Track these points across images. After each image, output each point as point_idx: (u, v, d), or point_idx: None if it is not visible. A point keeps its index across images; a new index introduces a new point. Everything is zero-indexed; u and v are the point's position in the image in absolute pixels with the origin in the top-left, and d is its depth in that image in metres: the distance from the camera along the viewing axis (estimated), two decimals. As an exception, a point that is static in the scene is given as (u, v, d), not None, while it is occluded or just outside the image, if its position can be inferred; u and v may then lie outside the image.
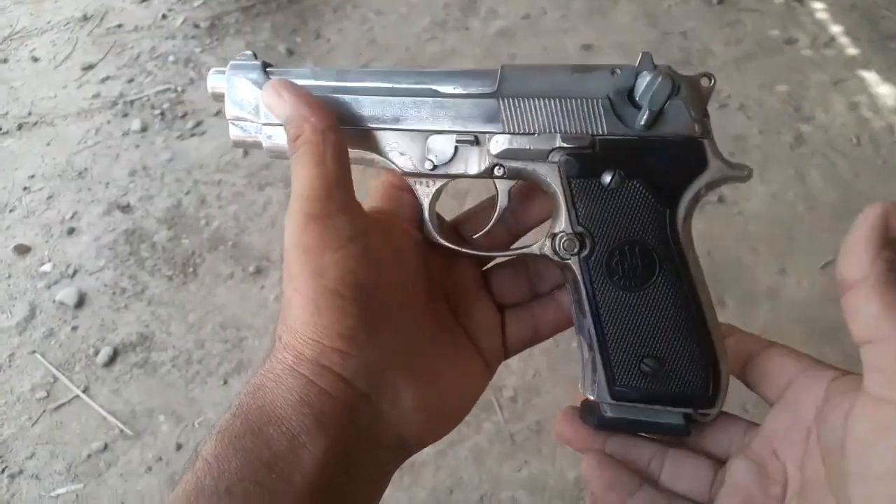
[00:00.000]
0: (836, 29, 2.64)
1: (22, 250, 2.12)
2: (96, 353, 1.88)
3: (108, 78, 2.67)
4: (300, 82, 0.59)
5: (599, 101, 0.55)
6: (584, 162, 0.55)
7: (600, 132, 0.55)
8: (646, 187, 0.54)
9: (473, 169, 0.58)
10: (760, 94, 2.41)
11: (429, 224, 0.60)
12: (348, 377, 0.50)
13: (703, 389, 0.52)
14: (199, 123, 2.47)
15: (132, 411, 1.78)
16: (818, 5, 2.73)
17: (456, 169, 0.58)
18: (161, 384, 1.83)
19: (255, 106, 0.60)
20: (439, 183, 0.60)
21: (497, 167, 0.57)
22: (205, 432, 1.74)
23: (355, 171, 0.56)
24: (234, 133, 0.62)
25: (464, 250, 0.60)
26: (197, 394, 1.81)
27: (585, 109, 0.55)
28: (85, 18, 2.95)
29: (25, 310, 1.99)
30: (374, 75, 0.59)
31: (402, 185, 0.61)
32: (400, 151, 0.59)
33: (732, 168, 0.54)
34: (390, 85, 0.59)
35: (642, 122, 0.54)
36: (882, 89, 2.41)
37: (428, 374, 0.55)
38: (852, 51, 2.56)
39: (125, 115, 2.52)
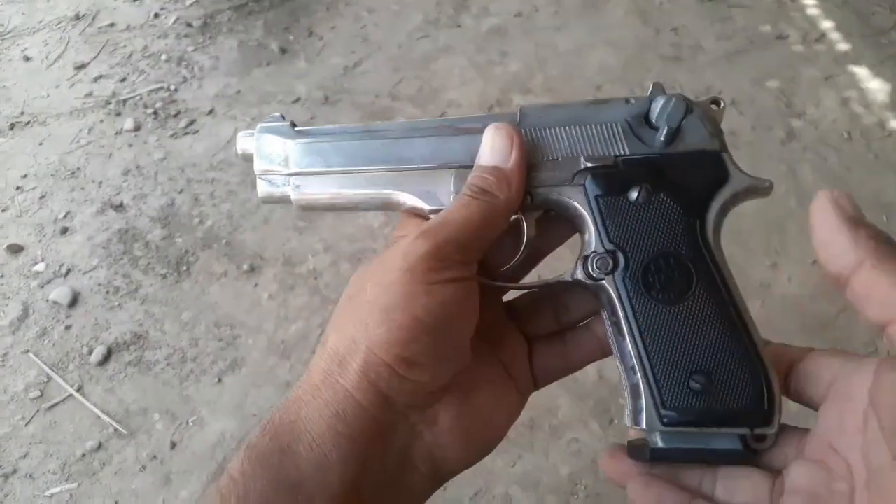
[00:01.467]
0: (827, 24, 2.65)
1: (15, 250, 2.12)
2: (90, 352, 1.88)
3: (100, 77, 2.66)
4: (330, 130, 0.61)
5: (618, 124, 0.57)
6: (610, 180, 0.56)
7: (622, 152, 0.57)
8: (673, 199, 0.55)
9: None
10: (752, 89, 2.42)
11: None
12: (391, 395, 0.49)
13: (757, 403, 0.50)
14: (191, 122, 2.47)
15: (126, 410, 1.78)
16: (809, 1, 2.74)
17: None
18: (155, 383, 1.83)
19: (283, 157, 0.62)
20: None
21: (525, 196, 0.58)
22: (199, 431, 1.74)
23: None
24: (263, 188, 0.63)
25: (499, 283, 0.60)
26: (191, 392, 1.81)
27: (606, 133, 0.57)
28: (77, 17, 2.94)
29: (19, 309, 1.98)
30: (397, 123, 0.61)
31: (424, 217, 0.61)
32: (426, 189, 0.59)
33: (754, 180, 0.56)
34: (414, 127, 0.61)
35: (662, 139, 0.56)
36: (873, 84, 2.42)
37: (466, 398, 0.54)
38: (843, 46, 2.57)
39: (118, 115, 2.51)
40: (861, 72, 2.47)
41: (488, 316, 0.60)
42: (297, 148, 0.61)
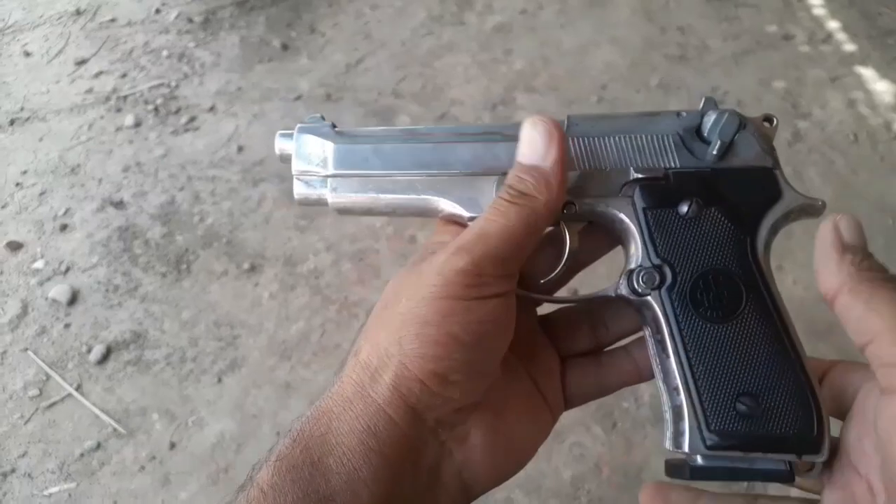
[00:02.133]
0: (833, 25, 2.63)
1: (14, 247, 2.11)
2: (89, 350, 1.87)
3: (101, 73, 2.65)
4: (371, 132, 0.60)
5: (670, 136, 0.56)
6: (660, 192, 0.55)
7: (673, 164, 0.55)
8: (724, 215, 0.54)
9: None
10: (758, 90, 2.40)
11: None
12: (422, 411, 0.48)
13: (807, 429, 0.49)
14: (192, 119, 2.45)
15: (125, 409, 1.77)
16: (815, 1, 2.72)
17: None
18: (154, 382, 1.82)
19: (322, 158, 0.60)
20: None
21: (569, 205, 0.56)
22: (198, 430, 1.73)
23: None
24: (299, 189, 0.62)
25: (537, 297, 0.58)
26: (190, 392, 1.80)
27: (656, 144, 0.56)
28: (78, 13, 2.92)
29: (18, 307, 1.97)
30: (440, 128, 0.60)
31: (462, 224, 0.59)
32: (469, 196, 0.58)
33: (807, 199, 0.55)
34: (457, 132, 0.59)
35: (714, 153, 0.55)
36: (879, 86, 2.41)
37: (498, 416, 0.53)
38: (850, 47, 2.55)
39: (118, 111, 2.50)
40: (867, 73, 2.45)
41: (522, 329, 0.57)
42: (336, 149, 0.60)
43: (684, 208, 0.54)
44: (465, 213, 0.57)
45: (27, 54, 2.76)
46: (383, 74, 2.58)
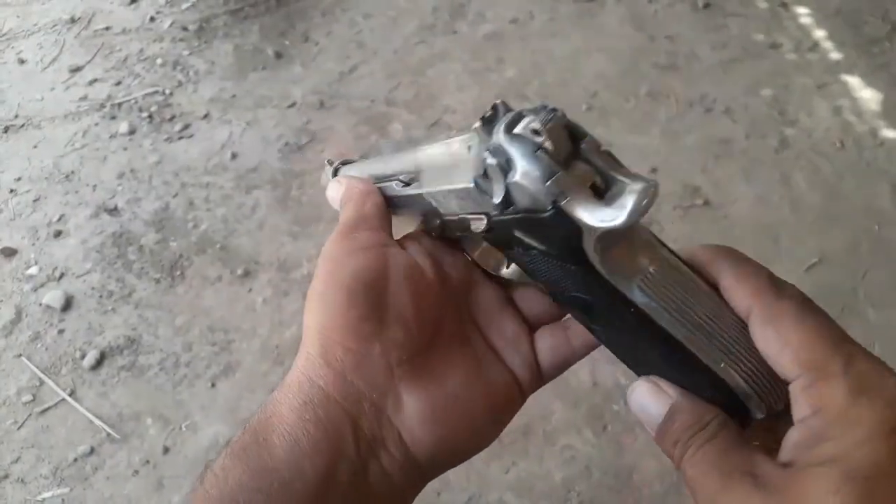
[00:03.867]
0: (819, 33, 2.67)
1: (8, 253, 2.11)
2: (83, 356, 1.88)
3: (95, 80, 2.66)
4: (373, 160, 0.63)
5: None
6: (495, 238, 0.51)
7: (489, 212, 0.50)
8: (544, 256, 0.47)
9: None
10: (746, 98, 2.43)
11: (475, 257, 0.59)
12: (349, 375, 0.50)
13: (729, 403, 0.44)
14: (186, 126, 2.46)
15: (119, 415, 1.78)
16: (802, 10, 2.76)
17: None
18: (148, 387, 1.83)
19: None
20: None
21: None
22: (192, 435, 1.73)
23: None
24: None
25: (491, 272, 0.58)
26: (185, 397, 1.81)
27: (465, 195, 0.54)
28: (72, 20, 2.94)
29: (11, 313, 1.97)
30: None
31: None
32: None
33: (609, 223, 0.43)
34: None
35: (497, 202, 0.47)
36: (865, 93, 2.44)
37: (434, 382, 0.53)
38: (836, 55, 2.59)
39: (113, 118, 2.51)
40: (853, 81, 2.49)
41: (487, 303, 0.59)
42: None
43: (520, 251, 0.48)
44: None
45: (21, 62, 2.77)
46: (376, 82, 2.60)
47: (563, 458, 1.66)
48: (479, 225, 0.50)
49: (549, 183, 0.44)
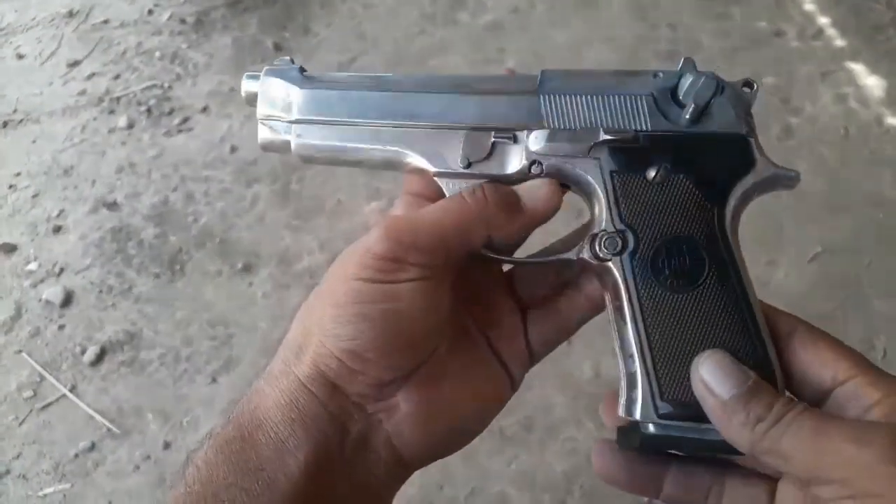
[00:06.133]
0: (823, 21, 2.64)
1: (8, 249, 2.11)
2: (83, 351, 1.87)
3: (93, 74, 2.65)
4: (339, 78, 0.60)
5: (643, 97, 0.54)
6: (628, 156, 0.53)
7: (644, 128, 0.54)
8: (692, 182, 0.52)
9: (510, 167, 0.56)
10: (749, 86, 2.41)
11: None
12: (342, 385, 0.50)
13: None
14: (185, 120, 2.45)
15: (119, 410, 1.77)
16: (806, -3, 2.73)
17: (492, 167, 0.56)
18: (149, 382, 1.82)
19: (287, 103, 0.59)
20: (471, 185, 0.56)
21: (535, 164, 0.55)
22: (193, 430, 1.73)
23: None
24: (263, 134, 0.61)
25: (499, 258, 0.57)
26: (185, 392, 1.80)
27: (628, 105, 0.54)
28: (70, 14, 2.92)
29: (11, 309, 1.97)
30: (411, 77, 0.59)
31: (425, 193, 0.59)
32: (435, 150, 0.57)
33: (781, 170, 0.53)
34: (427, 83, 0.58)
35: (687, 117, 0.53)
36: (869, 81, 2.42)
37: (434, 388, 0.53)
38: (840, 42, 2.56)
39: (111, 112, 2.50)
40: (858, 68, 2.46)
41: (484, 292, 0.59)
42: (302, 94, 0.59)
43: (652, 173, 0.52)
44: (431, 168, 0.57)
45: (20, 56, 2.76)
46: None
47: (565, 451, 1.65)
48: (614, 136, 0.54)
49: (748, 116, 0.54)
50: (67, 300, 1.98)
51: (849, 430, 0.41)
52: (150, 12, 2.90)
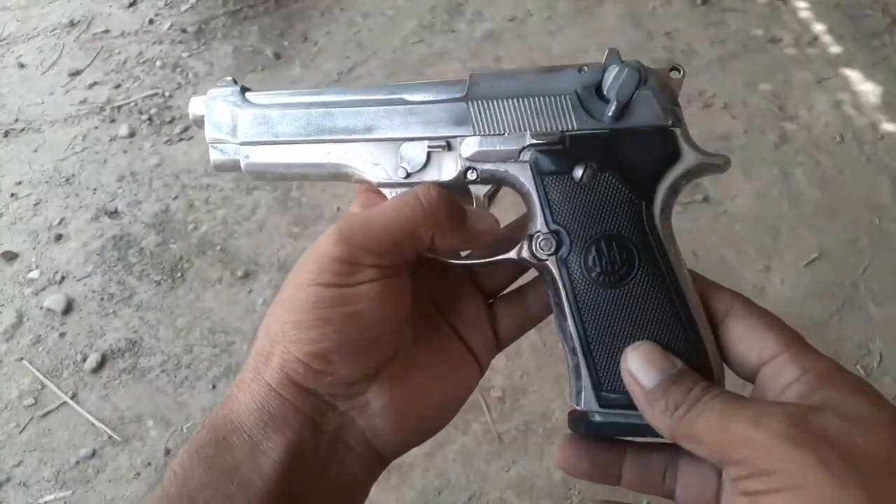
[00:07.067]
0: (819, 27, 2.66)
1: (9, 257, 2.12)
2: (84, 359, 1.88)
3: (95, 84, 2.67)
4: (278, 99, 0.61)
5: (567, 97, 0.55)
6: (556, 158, 0.54)
7: (570, 127, 0.54)
8: (619, 180, 0.53)
9: (447, 175, 0.58)
10: (745, 93, 2.43)
11: None
12: (311, 388, 0.51)
13: None
14: (186, 128, 2.47)
15: (120, 417, 1.78)
16: (801, 4, 2.75)
17: (430, 175, 0.58)
18: (149, 389, 1.83)
19: (232, 126, 0.61)
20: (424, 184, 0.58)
21: (470, 171, 0.57)
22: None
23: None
24: (214, 156, 0.63)
25: (449, 261, 0.59)
26: (186, 399, 1.81)
27: (553, 106, 0.55)
28: (72, 24, 2.94)
29: (13, 317, 1.98)
30: (347, 91, 0.60)
31: (376, 190, 0.61)
32: (374, 162, 0.59)
33: (708, 157, 0.53)
34: (362, 97, 0.60)
35: (610, 114, 0.53)
36: (865, 87, 2.43)
37: (402, 381, 0.54)
38: (835, 49, 2.58)
39: (112, 121, 2.52)
40: (853, 75, 2.48)
41: (447, 283, 0.61)
42: (244, 116, 0.60)
43: (579, 173, 0.53)
44: (373, 179, 0.59)
45: (21, 66, 2.78)
46: (375, 82, 2.60)
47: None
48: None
49: (674, 105, 0.54)
50: (68, 308, 1.99)
51: (751, 412, 0.43)
52: (151, 22, 2.92)
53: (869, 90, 2.42)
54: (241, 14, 2.94)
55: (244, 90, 0.62)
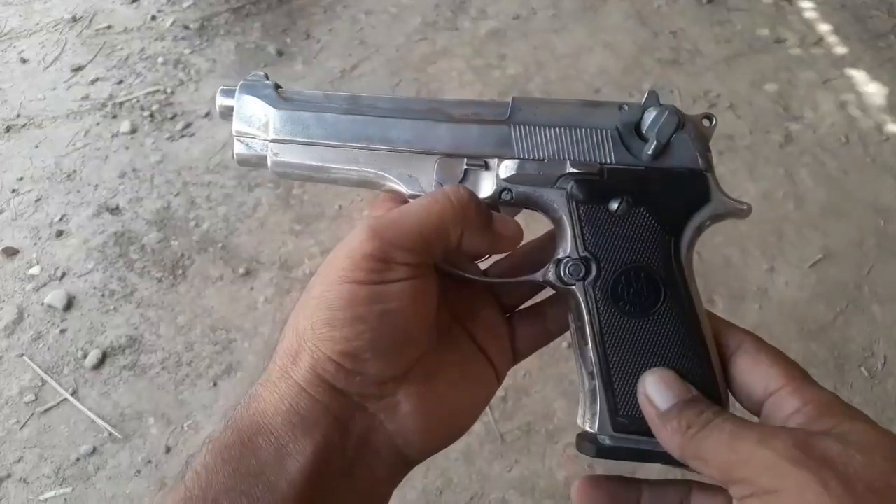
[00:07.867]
0: (824, 28, 2.65)
1: (10, 253, 2.11)
2: (85, 355, 1.87)
3: (97, 79, 2.66)
4: (315, 99, 0.60)
5: (608, 131, 0.57)
6: (593, 188, 0.56)
7: (608, 161, 0.56)
8: (652, 215, 0.55)
9: (483, 193, 0.58)
10: (750, 93, 2.42)
11: None
12: (341, 388, 0.50)
13: None
14: (188, 125, 2.46)
15: (121, 414, 1.77)
16: (807, 4, 2.74)
17: None
18: (150, 387, 1.82)
19: (263, 122, 0.60)
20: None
21: (505, 191, 0.58)
22: (194, 435, 1.73)
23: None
24: (239, 149, 0.61)
25: (469, 276, 0.59)
26: (186, 396, 1.80)
27: (595, 139, 0.57)
28: (74, 20, 2.93)
29: (13, 313, 1.97)
30: (386, 100, 0.60)
31: (402, 199, 0.60)
32: (409, 174, 0.58)
33: (734, 203, 0.56)
34: (403, 107, 0.59)
35: (650, 153, 0.56)
36: (870, 88, 2.42)
37: (430, 384, 0.54)
38: (841, 49, 2.57)
39: (114, 117, 2.51)
40: (859, 75, 2.47)
41: (465, 290, 0.61)
42: (278, 115, 0.60)
43: (615, 205, 0.55)
44: (406, 191, 0.58)
45: (23, 61, 2.77)
46: (378, 80, 2.59)
47: (566, 457, 1.65)
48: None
49: (706, 150, 0.57)
50: (69, 304, 1.99)
51: (758, 433, 0.44)
52: (154, 18, 2.91)
53: (874, 91, 2.41)
54: (244, 11, 2.93)
55: (277, 86, 0.61)
